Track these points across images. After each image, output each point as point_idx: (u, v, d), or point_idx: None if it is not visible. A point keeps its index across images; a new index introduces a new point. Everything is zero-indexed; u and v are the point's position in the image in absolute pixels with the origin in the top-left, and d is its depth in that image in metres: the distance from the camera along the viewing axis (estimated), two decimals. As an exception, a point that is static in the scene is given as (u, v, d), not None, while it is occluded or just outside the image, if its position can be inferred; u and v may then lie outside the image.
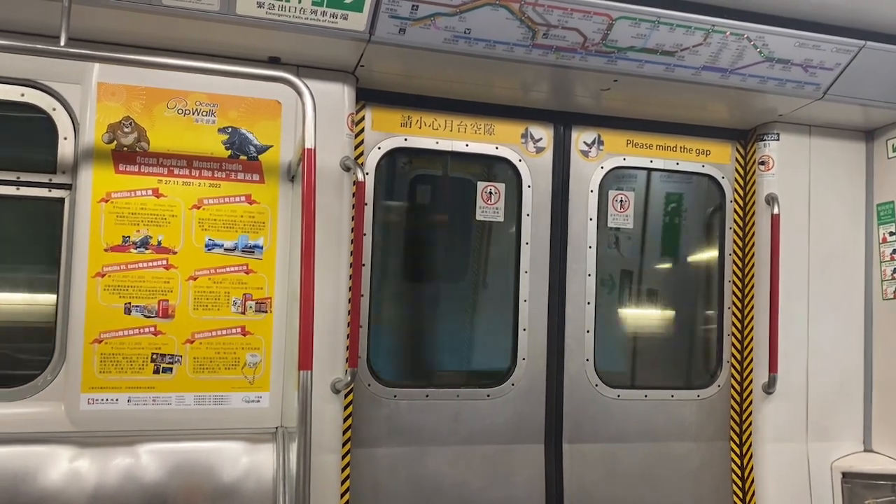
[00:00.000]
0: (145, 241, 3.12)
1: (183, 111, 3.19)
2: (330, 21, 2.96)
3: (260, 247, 3.27)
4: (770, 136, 4.13)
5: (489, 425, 3.82)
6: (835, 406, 4.14)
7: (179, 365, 3.14)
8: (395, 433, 3.68)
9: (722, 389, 4.20)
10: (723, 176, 4.26)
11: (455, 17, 3.04)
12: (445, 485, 3.72)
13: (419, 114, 3.79)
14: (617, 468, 3.99)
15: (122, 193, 3.10)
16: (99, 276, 3.06)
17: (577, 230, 4.01)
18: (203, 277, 3.18)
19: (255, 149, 3.28)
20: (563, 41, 3.21)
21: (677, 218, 4.38)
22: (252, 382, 3.23)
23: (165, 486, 2.94)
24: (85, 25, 2.87)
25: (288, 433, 3.13)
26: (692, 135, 4.21)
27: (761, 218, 4.12)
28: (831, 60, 3.52)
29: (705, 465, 4.15)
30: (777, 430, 4.05)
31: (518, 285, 3.91)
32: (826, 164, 4.19)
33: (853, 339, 4.20)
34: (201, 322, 3.18)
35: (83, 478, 2.88)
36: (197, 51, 3.15)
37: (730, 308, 4.23)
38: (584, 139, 4.05)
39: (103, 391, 3.06)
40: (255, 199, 3.27)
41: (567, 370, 3.95)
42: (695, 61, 3.41)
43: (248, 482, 3.02)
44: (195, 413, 3.15)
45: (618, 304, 4.24)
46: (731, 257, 4.25)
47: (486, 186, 3.91)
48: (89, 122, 3.09)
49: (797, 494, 4.03)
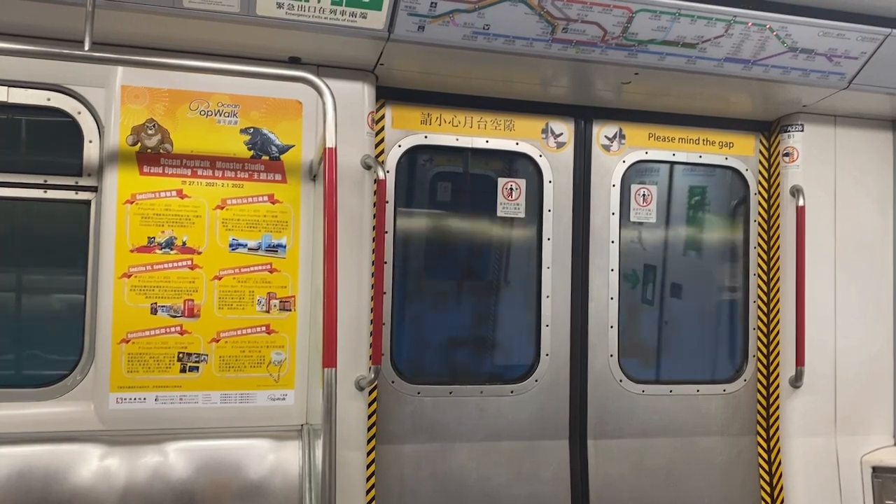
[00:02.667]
0: (170, 241, 3.16)
1: (205, 112, 3.23)
2: (349, 20, 2.97)
3: (283, 246, 3.29)
4: (794, 128, 4.08)
5: (513, 421, 3.82)
6: (864, 399, 4.08)
7: (205, 364, 3.18)
8: (419, 430, 3.70)
9: (748, 383, 4.16)
10: (746, 168, 4.22)
11: (474, 14, 3.03)
12: (470, 481, 3.73)
13: (439, 111, 3.79)
14: (643, 463, 3.97)
15: (146, 195, 3.14)
16: (125, 277, 3.10)
17: (599, 225, 3.99)
18: (227, 277, 3.22)
19: (277, 149, 3.30)
20: (583, 35, 3.20)
21: (701, 211, 4.34)
22: (277, 380, 3.26)
23: (193, 483, 2.98)
24: (108, 29, 2.91)
25: (313, 430, 3.15)
26: (715, 127, 4.18)
27: (786, 210, 4.07)
28: (856, 49, 3.47)
29: (732, 460, 4.11)
30: (805, 425, 4.01)
31: (540, 281, 3.91)
32: (851, 154, 4.13)
33: (882, 332, 4.14)
34: (226, 321, 3.21)
35: (113, 476, 2.92)
36: (218, 52, 3.18)
37: (755, 301, 4.19)
38: (606, 133, 4.03)
39: (131, 390, 3.10)
40: (278, 199, 3.29)
41: (591, 366, 3.94)
42: (717, 53, 3.37)
43: (275, 479, 3.05)
44: (221, 411, 3.19)
45: (641, 299, 4.22)
46: (756, 250, 4.21)
47: (506, 182, 3.91)
48: (114, 125, 3.13)
49: (826, 489, 3.98)
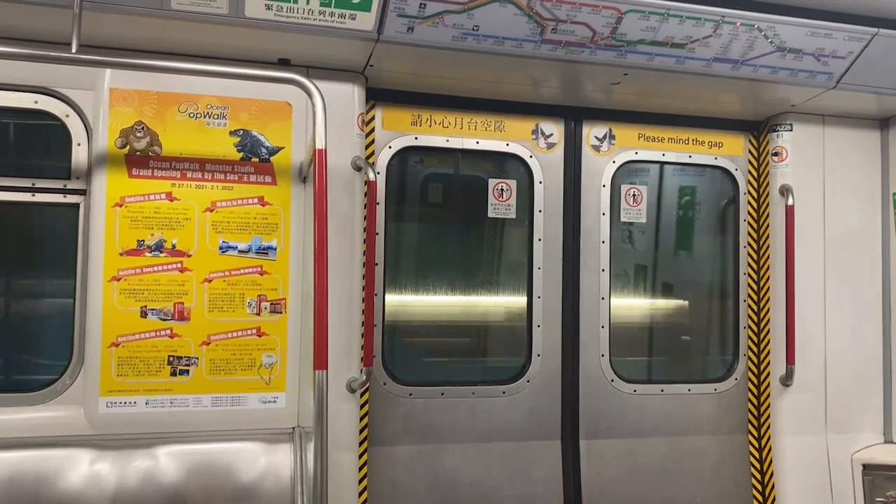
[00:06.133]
0: (160, 244, 3.14)
1: (194, 115, 3.21)
2: (338, 21, 2.97)
3: (273, 248, 3.28)
4: (783, 127, 4.10)
5: (505, 422, 3.82)
6: (854, 397, 4.11)
7: (196, 367, 3.17)
8: (411, 431, 3.69)
9: (739, 382, 4.17)
10: (736, 168, 4.24)
11: (463, 15, 3.03)
12: (463, 482, 3.73)
13: (429, 112, 3.79)
14: (635, 463, 3.98)
15: (135, 198, 3.13)
16: (115, 280, 3.08)
17: (589, 225, 4.00)
18: (218, 279, 3.20)
19: (267, 151, 3.30)
20: (572, 36, 3.20)
21: (691, 211, 4.35)
22: (268, 383, 3.25)
23: (184, 487, 2.96)
24: (96, 32, 2.89)
25: (305, 433, 3.14)
26: (704, 127, 4.19)
27: (776, 209, 4.09)
28: (844, 49, 3.49)
29: (724, 458, 4.12)
30: (796, 423, 4.02)
31: (531, 282, 3.91)
32: (840, 153, 4.16)
33: (871, 329, 4.16)
34: (217, 324, 3.20)
35: (103, 480, 2.90)
36: (207, 54, 3.17)
37: (745, 300, 4.21)
38: (595, 134, 4.04)
39: (121, 394, 3.08)
40: (268, 201, 3.28)
41: (582, 366, 3.94)
42: (705, 53, 3.38)
43: (267, 482, 3.03)
44: (212, 414, 3.18)
45: (632, 299, 4.23)
46: (746, 249, 4.23)
47: (497, 183, 3.91)
48: (102, 128, 3.11)
49: (817, 487, 4.00)
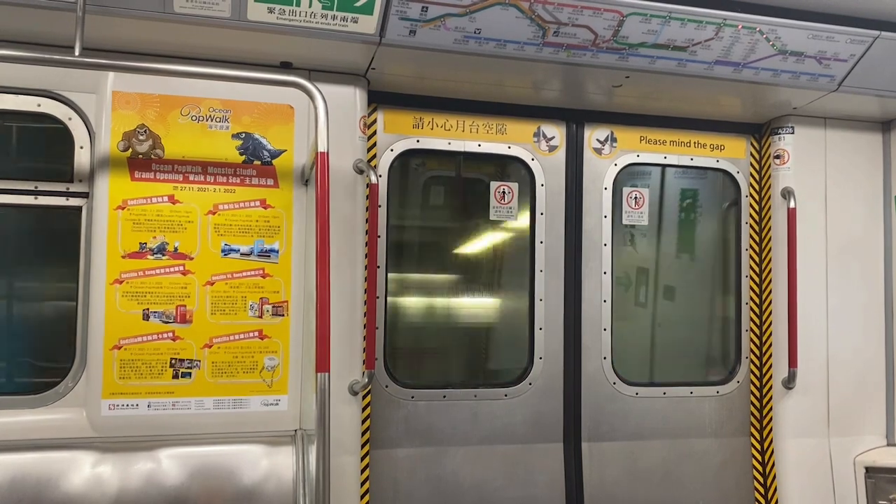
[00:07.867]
0: (162, 247, 3.15)
1: (197, 118, 3.22)
2: (340, 25, 2.97)
3: (276, 251, 3.28)
4: (785, 130, 4.10)
5: (507, 425, 3.81)
6: (856, 400, 4.10)
7: (198, 369, 3.17)
8: (413, 434, 3.69)
9: (741, 385, 4.17)
10: (738, 171, 4.23)
11: (465, 18, 3.04)
12: (465, 485, 3.72)
13: (431, 115, 3.80)
14: (637, 466, 3.97)
15: (138, 201, 3.13)
16: (117, 283, 3.09)
17: (591, 228, 4.00)
18: (220, 282, 3.21)
19: (269, 153, 3.30)
20: (574, 39, 3.21)
21: (692, 214, 4.35)
22: (270, 386, 3.25)
23: (187, 489, 2.96)
24: (99, 35, 2.90)
25: (307, 435, 3.14)
26: (706, 130, 4.19)
27: (777, 212, 4.09)
28: (845, 52, 3.49)
29: (726, 461, 4.12)
30: (798, 426, 4.02)
31: (533, 284, 3.91)
32: (842, 156, 4.16)
33: (873, 332, 4.15)
34: (219, 327, 3.20)
35: (105, 483, 2.90)
36: (209, 57, 3.18)
37: (748, 303, 4.20)
38: (597, 136, 4.04)
39: (124, 397, 3.09)
40: (270, 204, 3.29)
41: (584, 368, 3.94)
42: (707, 56, 3.39)
43: (269, 485, 3.03)
44: (214, 417, 3.18)
45: (634, 302, 4.23)
46: (748, 252, 4.22)
47: (499, 186, 3.91)
48: (105, 131, 3.12)
49: (820, 490, 3.99)
